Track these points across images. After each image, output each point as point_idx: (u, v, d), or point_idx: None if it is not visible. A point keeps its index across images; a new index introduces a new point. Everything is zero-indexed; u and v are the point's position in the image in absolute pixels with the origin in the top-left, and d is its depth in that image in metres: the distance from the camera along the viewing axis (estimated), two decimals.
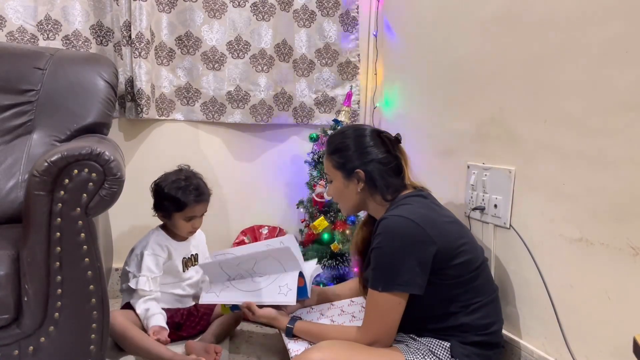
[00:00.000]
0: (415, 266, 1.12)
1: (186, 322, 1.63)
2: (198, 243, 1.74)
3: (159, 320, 1.50)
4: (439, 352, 1.14)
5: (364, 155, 1.27)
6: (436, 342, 1.15)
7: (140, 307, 1.53)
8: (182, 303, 1.66)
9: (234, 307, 1.47)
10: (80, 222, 1.14)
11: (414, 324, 1.21)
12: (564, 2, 1.21)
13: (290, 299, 1.37)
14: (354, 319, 1.42)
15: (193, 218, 1.62)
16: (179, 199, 1.57)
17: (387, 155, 1.28)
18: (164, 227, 1.67)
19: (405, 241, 1.13)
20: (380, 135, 1.31)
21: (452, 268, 1.15)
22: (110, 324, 1.24)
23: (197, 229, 1.68)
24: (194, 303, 1.69)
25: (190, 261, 1.69)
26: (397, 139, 1.33)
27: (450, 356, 1.13)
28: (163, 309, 1.58)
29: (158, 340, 1.43)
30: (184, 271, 1.66)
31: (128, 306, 1.57)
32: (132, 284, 1.55)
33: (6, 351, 1.13)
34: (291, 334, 1.33)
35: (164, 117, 2.05)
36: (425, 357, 1.13)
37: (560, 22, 1.22)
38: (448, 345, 1.14)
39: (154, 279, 1.56)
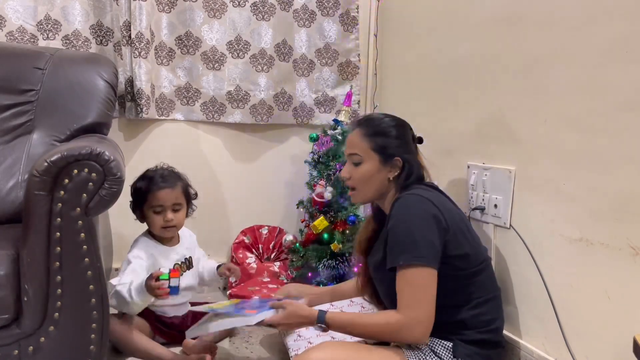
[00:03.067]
0: (434, 240, 1.11)
1: (187, 322, 1.63)
2: (190, 245, 1.68)
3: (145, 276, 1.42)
4: (441, 352, 1.13)
5: (406, 145, 1.28)
6: (438, 342, 1.15)
7: (119, 286, 1.41)
8: (178, 311, 1.63)
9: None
10: (80, 222, 1.14)
11: None
12: (564, 2, 1.21)
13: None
14: None
15: (162, 209, 1.52)
16: (142, 188, 1.53)
17: (415, 152, 1.31)
18: (150, 232, 1.61)
19: (422, 215, 1.13)
20: (411, 131, 1.33)
21: (457, 258, 1.15)
22: (110, 328, 1.23)
23: (172, 223, 1.54)
24: (189, 308, 1.67)
25: (184, 265, 1.64)
26: (420, 140, 1.35)
27: (452, 356, 1.13)
28: (160, 317, 1.56)
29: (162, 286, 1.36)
30: None
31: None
32: (113, 281, 1.44)
33: (6, 351, 1.13)
34: (323, 320, 1.20)
35: (164, 117, 2.05)
36: (427, 357, 1.13)
37: (560, 22, 1.22)
38: (450, 345, 1.14)
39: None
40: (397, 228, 1.14)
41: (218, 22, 2.04)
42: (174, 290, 1.38)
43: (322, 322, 1.20)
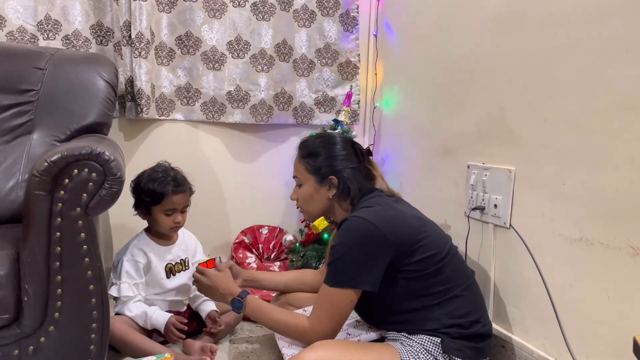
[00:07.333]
0: (367, 263, 1.16)
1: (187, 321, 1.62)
2: (188, 248, 1.68)
3: (165, 314, 1.50)
4: (432, 349, 1.15)
5: (338, 162, 1.32)
6: (427, 339, 1.17)
7: (134, 311, 1.48)
8: (175, 308, 1.63)
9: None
10: (80, 222, 1.14)
11: (396, 321, 1.22)
12: (564, 2, 1.21)
13: None
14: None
15: (173, 212, 1.56)
16: (156, 190, 1.53)
17: (358, 165, 1.34)
18: (148, 230, 1.62)
19: (359, 240, 1.17)
20: (353, 146, 1.36)
21: (414, 263, 1.18)
22: (109, 329, 1.23)
23: (180, 224, 1.60)
24: (186, 307, 1.68)
25: (179, 266, 1.64)
26: (369, 152, 1.39)
27: (442, 352, 1.14)
28: None
29: (179, 330, 1.47)
30: (168, 277, 1.60)
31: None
32: (113, 292, 1.49)
33: (6, 351, 1.13)
34: (241, 307, 1.32)
35: (164, 117, 2.05)
36: (419, 355, 1.14)
37: (560, 21, 1.22)
38: (439, 341, 1.16)
39: (136, 285, 1.52)
40: (333, 250, 1.20)
41: (218, 22, 2.05)
42: None
43: (242, 299, 1.31)
